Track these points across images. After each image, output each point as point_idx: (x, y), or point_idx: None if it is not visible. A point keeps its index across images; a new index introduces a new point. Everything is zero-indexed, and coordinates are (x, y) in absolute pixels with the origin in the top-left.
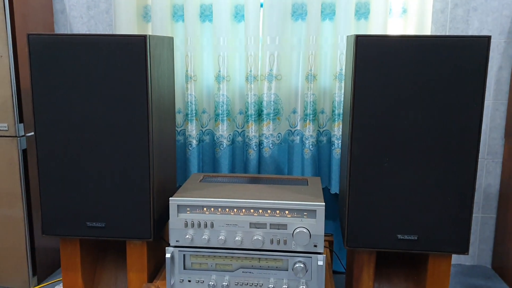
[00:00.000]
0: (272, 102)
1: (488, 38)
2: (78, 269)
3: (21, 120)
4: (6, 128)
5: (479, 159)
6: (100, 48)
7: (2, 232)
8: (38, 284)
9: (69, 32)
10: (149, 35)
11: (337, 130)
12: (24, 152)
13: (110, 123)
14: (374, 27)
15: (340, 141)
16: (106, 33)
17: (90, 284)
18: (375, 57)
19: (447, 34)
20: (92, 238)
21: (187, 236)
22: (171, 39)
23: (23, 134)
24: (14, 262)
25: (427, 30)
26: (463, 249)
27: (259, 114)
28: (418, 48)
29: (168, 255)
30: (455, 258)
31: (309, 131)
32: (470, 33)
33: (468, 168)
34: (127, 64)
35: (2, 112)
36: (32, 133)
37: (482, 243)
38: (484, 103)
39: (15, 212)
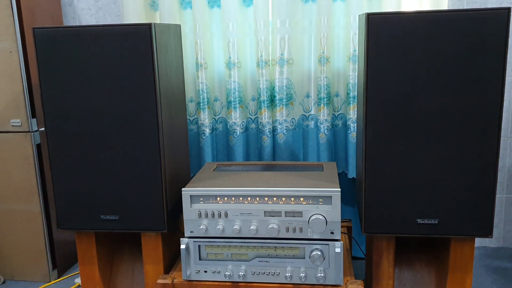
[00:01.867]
0: (284, 87)
1: (508, 9)
2: (94, 262)
3: (33, 115)
4: (20, 124)
5: (503, 138)
6: (105, 38)
7: (21, 226)
8: (59, 277)
9: (78, 25)
10: (154, 23)
11: (353, 113)
12: (38, 146)
13: (119, 114)
14: (388, 5)
15: (356, 125)
16: (111, 23)
17: (108, 277)
18: (388, 36)
19: (465, 8)
20: (106, 231)
21: (201, 227)
22: (178, 27)
23: (36, 129)
24: (34, 256)
25: (443, 5)
26: (487, 232)
27: (272, 99)
28: (434, 24)
29: (183, 246)
30: (480, 241)
31: (324, 115)
32: (489, 5)
33: (489, 147)
34: (133, 54)
35: (15, 108)
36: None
37: (508, 224)
38: (506, 79)
39: (32, 206)
